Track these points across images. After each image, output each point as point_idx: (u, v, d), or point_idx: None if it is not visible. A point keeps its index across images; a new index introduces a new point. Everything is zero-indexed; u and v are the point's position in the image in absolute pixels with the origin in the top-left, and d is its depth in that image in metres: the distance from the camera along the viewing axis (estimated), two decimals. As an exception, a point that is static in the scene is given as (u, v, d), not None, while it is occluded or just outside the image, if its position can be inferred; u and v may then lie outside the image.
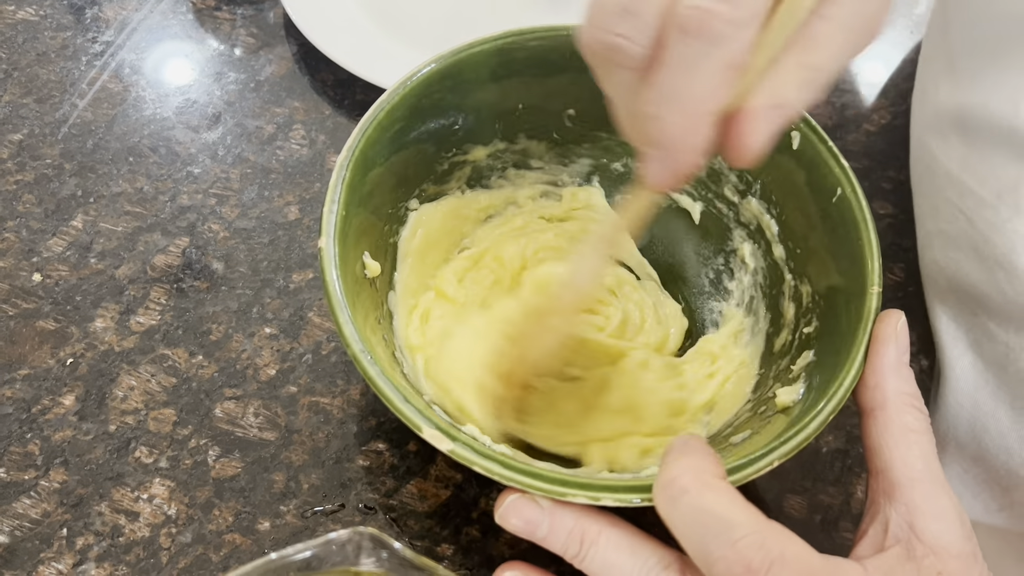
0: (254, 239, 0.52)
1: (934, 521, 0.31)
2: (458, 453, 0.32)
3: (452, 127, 0.45)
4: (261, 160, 0.56)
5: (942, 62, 0.52)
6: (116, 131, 0.56)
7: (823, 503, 0.46)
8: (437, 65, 0.42)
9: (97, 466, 0.44)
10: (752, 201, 0.45)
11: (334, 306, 0.35)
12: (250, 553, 0.42)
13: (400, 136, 0.42)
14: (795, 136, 0.41)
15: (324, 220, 0.37)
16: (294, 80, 0.60)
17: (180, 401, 0.46)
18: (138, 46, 0.61)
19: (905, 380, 0.34)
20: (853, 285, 0.38)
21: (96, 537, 0.42)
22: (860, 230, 0.38)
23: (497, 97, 0.45)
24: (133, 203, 0.53)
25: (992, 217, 0.44)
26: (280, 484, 0.44)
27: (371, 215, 0.41)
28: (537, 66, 0.44)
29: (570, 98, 0.46)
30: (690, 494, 0.30)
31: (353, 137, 0.39)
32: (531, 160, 0.49)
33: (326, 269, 0.36)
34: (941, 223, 0.49)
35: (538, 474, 0.31)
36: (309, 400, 0.46)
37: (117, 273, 0.50)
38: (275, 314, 0.49)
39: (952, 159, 0.48)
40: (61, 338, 0.47)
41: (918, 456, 0.33)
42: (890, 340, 0.35)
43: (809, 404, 0.35)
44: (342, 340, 0.34)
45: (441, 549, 0.42)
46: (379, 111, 0.40)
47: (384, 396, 0.33)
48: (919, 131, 0.54)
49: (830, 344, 0.38)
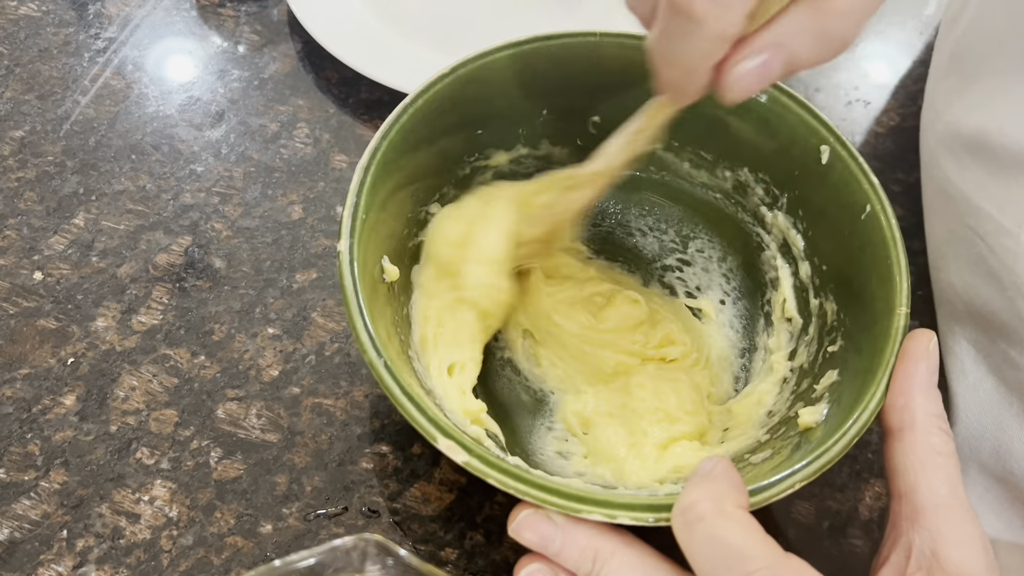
0: (257, 238, 0.52)
1: (957, 549, 0.30)
2: (473, 465, 0.31)
3: (475, 132, 0.44)
4: (265, 158, 0.55)
5: (953, 81, 0.51)
6: (118, 128, 0.56)
7: (831, 509, 0.45)
8: (461, 70, 0.41)
9: (98, 467, 0.43)
10: (779, 216, 0.44)
11: (351, 310, 0.34)
12: (252, 556, 0.41)
13: (422, 140, 0.41)
14: (824, 151, 0.41)
15: (343, 223, 0.36)
16: (298, 78, 0.60)
17: (182, 402, 0.45)
18: (141, 43, 0.61)
19: (933, 401, 0.34)
20: (880, 305, 0.37)
21: (96, 539, 0.41)
22: (889, 248, 0.37)
23: (521, 103, 0.44)
24: (135, 201, 0.53)
25: (1013, 246, 0.43)
26: (283, 486, 0.43)
27: (391, 218, 0.40)
28: (562, 72, 0.43)
29: (595, 105, 0.45)
30: (706, 522, 0.29)
31: (375, 140, 0.39)
32: (554, 166, 0.48)
33: (344, 272, 0.35)
34: (958, 248, 0.48)
35: (554, 489, 0.31)
36: (312, 401, 0.46)
37: (119, 272, 0.50)
38: (278, 314, 0.49)
39: (968, 183, 0.47)
40: (62, 337, 0.47)
41: (943, 480, 0.32)
42: (921, 359, 0.34)
43: (833, 425, 0.34)
44: (358, 345, 0.34)
45: (445, 553, 0.42)
46: (402, 115, 0.40)
47: (400, 405, 0.33)
48: (931, 149, 0.53)
49: (855, 364, 0.37)
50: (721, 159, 0.46)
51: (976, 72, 0.48)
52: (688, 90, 0.32)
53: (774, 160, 0.43)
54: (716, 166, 0.46)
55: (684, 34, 0.28)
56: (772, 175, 0.44)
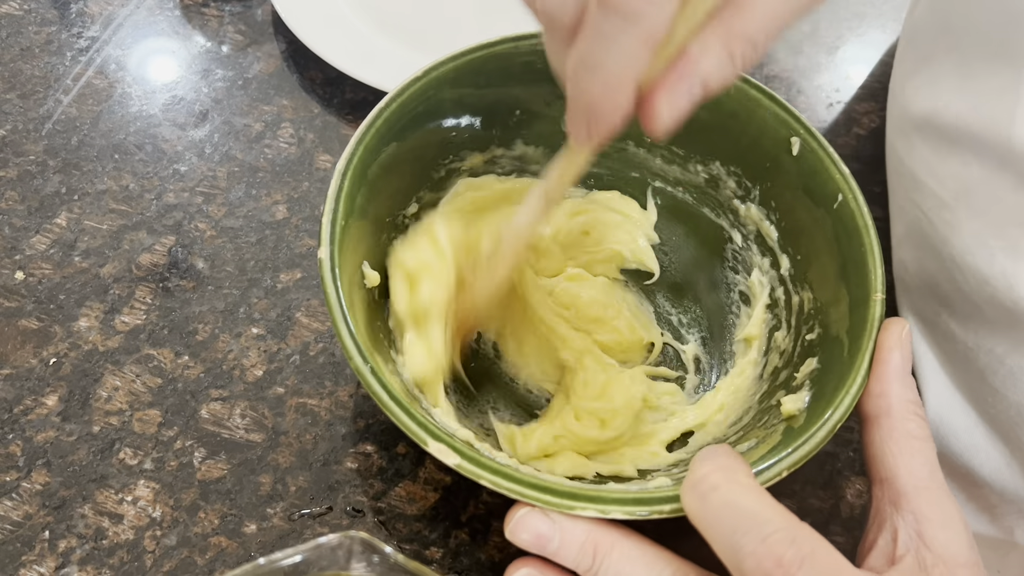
0: (241, 238, 0.52)
1: (941, 529, 0.31)
2: (465, 467, 0.31)
3: (449, 134, 0.44)
4: (249, 158, 0.55)
5: (907, 64, 0.53)
6: (101, 128, 0.56)
7: (813, 506, 0.45)
8: (434, 73, 0.41)
9: (80, 468, 0.43)
10: (752, 208, 0.45)
11: (335, 316, 0.34)
12: (236, 556, 0.41)
13: (397, 144, 0.41)
14: (795, 142, 0.41)
15: (323, 230, 0.36)
16: (282, 78, 0.60)
17: (165, 402, 0.45)
18: (124, 42, 0.61)
19: (908, 387, 0.34)
20: (856, 292, 0.37)
21: (79, 540, 0.41)
22: (862, 237, 0.38)
23: (494, 103, 0.45)
24: (118, 201, 0.52)
25: (950, 218, 0.44)
26: (267, 486, 0.43)
27: (369, 224, 0.40)
28: (533, 72, 0.43)
29: None
30: (721, 490, 0.30)
31: (351, 146, 0.39)
32: (529, 166, 0.48)
33: (326, 280, 0.35)
34: (907, 223, 0.50)
35: (547, 487, 0.31)
36: (296, 401, 0.46)
37: (102, 272, 0.49)
38: (262, 314, 0.49)
39: (915, 160, 0.48)
40: (44, 337, 0.47)
41: (922, 464, 0.33)
42: (895, 348, 0.35)
43: (816, 412, 0.35)
44: (344, 351, 0.34)
45: (430, 552, 0.42)
46: (377, 119, 0.40)
47: (389, 411, 0.32)
48: (890, 132, 0.54)
49: (834, 351, 0.38)
50: (693, 154, 0.46)
51: (926, 54, 0.49)
52: (606, 114, 0.29)
53: (745, 153, 0.44)
54: (688, 161, 0.47)
55: (614, 34, 0.27)
56: (744, 168, 0.45)
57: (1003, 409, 0.44)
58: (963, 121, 0.44)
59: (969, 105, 0.44)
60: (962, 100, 0.44)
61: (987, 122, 0.42)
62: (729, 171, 0.45)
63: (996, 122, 0.41)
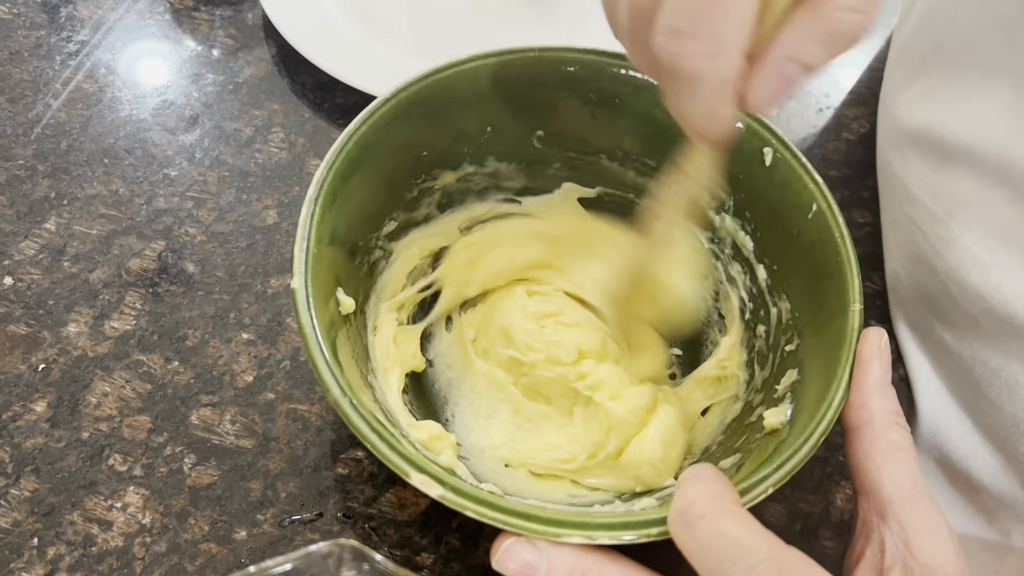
0: (231, 243, 0.51)
1: (927, 539, 0.31)
2: (449, 499, 0.31)
3: (420, 154, 0.44)
4: (239, 163, 0.55)
5: (900, 77, 0.53)
6: (91, 132, 0.56)
7: (803, 511, 0.46)
8: (402, 94, 0.41)
9: (69, 474, 0.43)
10: (727, 219, 0.44)
11: (311, 348, 0.34)
12: (226, 563, 0.41)
13: (368, 167, 0.40)
14: (767, 152, 0.41)
15: (295, 259, 0.35)
16: (273, 82, 0.60)
17: (155, 408, 0.45)
18: (114, 46, 0.61)
19: (889, 399, 0.34)
20: (834, 303, 0.37)
21: (68, 547, 0.41)
22: (838, 247, 0.38)
23: (464, 121, 0.44)
24: (108, 206, 0.52)
25: (944, 233, 0.45)
26: (257, 492, 0.43)
27: (342, 250, 0.40)
28: (504, 88, 0.43)
29: (538, 119, 0.45)
30: (707, 519, 0.29)
31: (321, 171, 0.38)
32: (503, 182, 0.48)
33: (300, 310, 0.34)
34: (900, 236, 0.50)
35: (532, 515, 0.31)
36: (287, 407, 0.46)
37: (91, 277, 0.49)
38: (252, 319, 0.48)
39: (909, 174, 0.49)
40: (33, 343, 0.47)
41: (906, 473, 0.33)
42: (874, 359, 0.35)
43: (799, 426, 0.35)
44: (321, 383, 0.33)
45: (421, 559, 0.42)
46: (346, 143, 0.39)
47: (371, 444, 0.32)
48: (882, 143, 0.54)
49: (814, 363, 0.38)
50: (665, 165, 0.46)
51: (920, 68, 0.50)
52: (716, 132, 0.31)
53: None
54: (661, 173, 0.46)
55: (687, 92, 0.28)
56: None
57: (999, 420, 0.45)
58: (958, 137, 0.44)
59: (964, 121, 0.44)
60: (957, 116, 0.44)
61: (983, 138, 0.42)
62: None
63: (992, 139, 0.42)
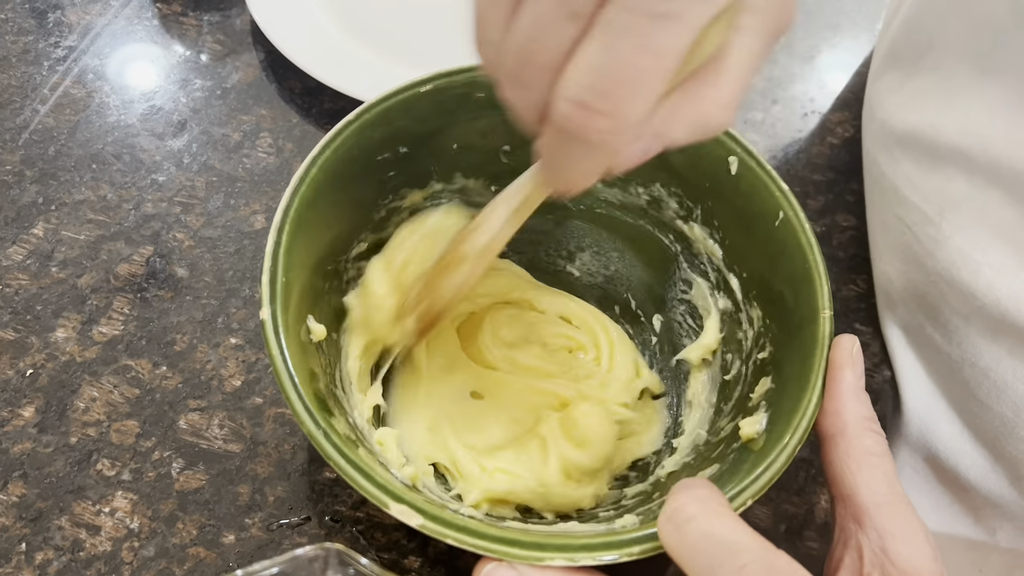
0: (219, 248, 0.52)
1: (904, 544, 0.31)
2: (429, 528, 0.31)
3: (387, 174, 0.43)
4: (227, 168, 0.55)
5: (888, 79, 0.53)
6: (79, 138, 0.56)
7: (787, 512, 0.46)
8: (366, 115, 0.40)
9: (57, 479, 0.43)
10: (695, 227, 0.44)
11: (283, 381, 0.33)
12: (214, 567, 0.41)
13: (334, 191, 0.40)
14: (732, 161, 0.41)
15: (263, 289, 0.35)
16: (261, 88, 0.60)
17: (143, 412, 0.45)
18: (102, 51, 0.61)
19: (863, 404, 0.35)
20: (804, 310, 0.37)
21: (56, 552, 0.41)
22: (806, 253, 0.38)
23: (430, 140, 0.44)
24: (96, 211, 0.52)
25: (935, 233, 0.45)
26: (245, 497, 0.43)
27: (311, 275, 0.39)
28: (468, 105, 0.43)
29: (503, 135, 0.45)
30: (697, 520, 0.29)
31: (286, 199, 0.37)
32: (472, 197, 0.47)
33: (271, 343, 0.34)
34: (890, 237, 0.50)
35: (514, 540, 0.31)
36: (275, 411, 0.46)
37: (79, 282, 0.49)
38: (240, 324, 0.49)
39: (898, 176, 0.49)
40: (20, 348, 0.47)
41: (881, 480, 0.33)
42: (846, 365, 0.35)
43: (775, 435, 0.35)
44: (295, 416, 0.33)
45: (408, 562, 0.42)
46: (311, 167, 0.38)
47: (348, 476, 0.32)
48: (869, 145, 0.55)
49: (787, 370, 0.38)
50: (633, 176, 0.46)
51: (910, 70, 0.50)
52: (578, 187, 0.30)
53: (684, 174, 0.43)
54: (629, 183, 0.46)
55: (576, 155, 0.27)
56: (684, 188, 0.44)
57: (987, 420, 0.45)
58: (949, 138, 0.44)
59: (955, 122, 0.44)
60: (948, 117, 0.45)
61: (974, 139, 0.43)
62: (670, 192, 0.45)
63: (983, 139, 0.42)
